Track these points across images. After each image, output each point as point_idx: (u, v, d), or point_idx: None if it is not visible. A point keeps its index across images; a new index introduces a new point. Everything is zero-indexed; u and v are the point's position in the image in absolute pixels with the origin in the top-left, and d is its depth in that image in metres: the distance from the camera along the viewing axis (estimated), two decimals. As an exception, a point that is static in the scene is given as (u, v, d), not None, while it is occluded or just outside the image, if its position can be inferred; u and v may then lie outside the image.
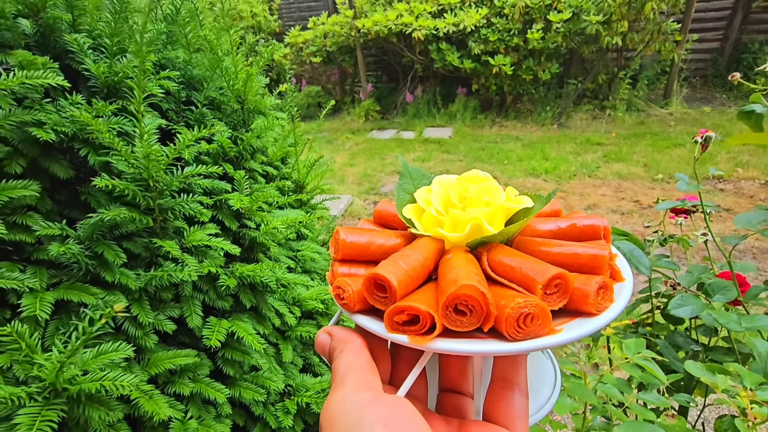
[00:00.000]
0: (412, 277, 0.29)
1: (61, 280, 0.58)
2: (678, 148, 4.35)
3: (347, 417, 0.24)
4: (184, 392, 0.68)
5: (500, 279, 0.30)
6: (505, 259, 0.30)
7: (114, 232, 0.61)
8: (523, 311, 0.25)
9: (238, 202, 0.74)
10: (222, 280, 0.73)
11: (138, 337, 0.63)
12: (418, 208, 0.36)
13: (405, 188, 0.40)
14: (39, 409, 0.43)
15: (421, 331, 0.27)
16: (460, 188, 0.36)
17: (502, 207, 0.34)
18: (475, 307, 0.26)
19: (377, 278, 0.28)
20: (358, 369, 0.27)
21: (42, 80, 0.52)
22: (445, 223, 0.34)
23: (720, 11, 5.55)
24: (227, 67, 0.86)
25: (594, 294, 0.27)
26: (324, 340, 0.31)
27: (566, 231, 0.35)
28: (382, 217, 0.41)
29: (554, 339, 0.26)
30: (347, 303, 0.30)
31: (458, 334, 0.27)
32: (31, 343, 0.44)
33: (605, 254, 0.30)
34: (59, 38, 0.61)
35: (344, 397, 0.25)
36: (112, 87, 0.65)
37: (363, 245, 0.34)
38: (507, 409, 0.29)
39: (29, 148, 0.55)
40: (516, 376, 0.30)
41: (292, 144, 1.11)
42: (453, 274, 0.28)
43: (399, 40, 5.53)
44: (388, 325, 0.27)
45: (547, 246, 0.33)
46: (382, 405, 0.24)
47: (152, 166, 0.57)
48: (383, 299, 0.28)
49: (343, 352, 0.29)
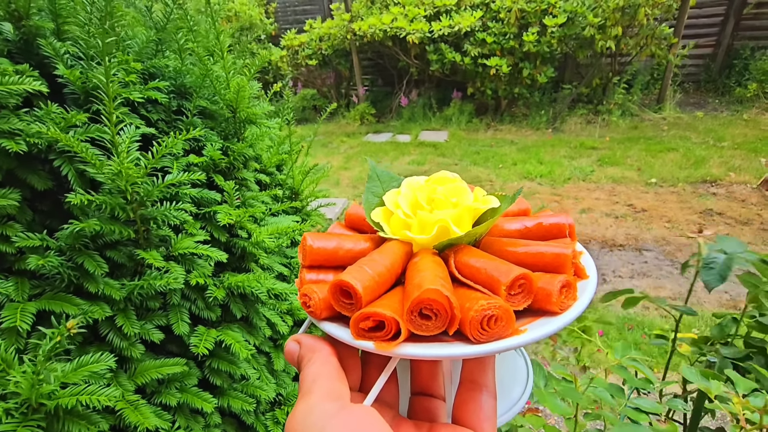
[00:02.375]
0: (378, 282, 0.29)
1: (44, 290, 0.57)
2: (671, 153, 4.38)
3: (312, 428, 0.23)
4: (171, 402, 0.67)
5: (466, 281, 0.30)
6: (471, 261, 0.30)
7: (97, 241, 0.60)
8: (487, 313, 0.25)
9: (226, 217, 0.73)
10: (210, 291, 0.72)
11: (123, 348, 0.62)
12: (387, 211, 0.36)
13: (373, 191, 0.40)
14: (15, 426, 0.42)
15: (387, 337, 0.27)
16: (428, 190, 0.36)
17: (469, 208, 0.34)
18: (440, 311, 0.26)
19: (342, 285, 0.28)
20: (325, 378, 0.27)
21: (17, 86, 0.51)
22: (412, 225, 0.34)
23: (712, 17, 5.61)
24: (218, 75, 0.85)
25: (557, 293, 0.27)
26: (292, 348, 0.31)
27: (532, 230, 0.36)
28: (353, 221, 0.41)
29: (518, 339, 0.26)
30: (314, 311, 0.29)
31: (424, 339, 0.27)
32: (8, 357, 0.43)
33: (568, 252, 0.30)
34: (42, 45, 0.60)
35: (310, 407, 0.25)
36: (89, 93, 0.64)
37: (331, 250, 0.33)
38: (475, 410, 0.29)
39: (4, 159, 0.54)
40: (483, 377, 0.30)
41: (287, 151, 1.10)
42: (418, 278, 0.28)
43: (394, 43, 5.55)
44: (354, 332, 0.27)
45: (513, 246, 0.33)
46: (348, 415, 0.24)
47: (129, 177, 0.56)
48: (349, 306, 0.28)
49: (311, 361, 0.29)
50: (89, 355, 0.51)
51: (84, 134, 0.60)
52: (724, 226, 3.14)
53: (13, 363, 0.44)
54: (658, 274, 2.71)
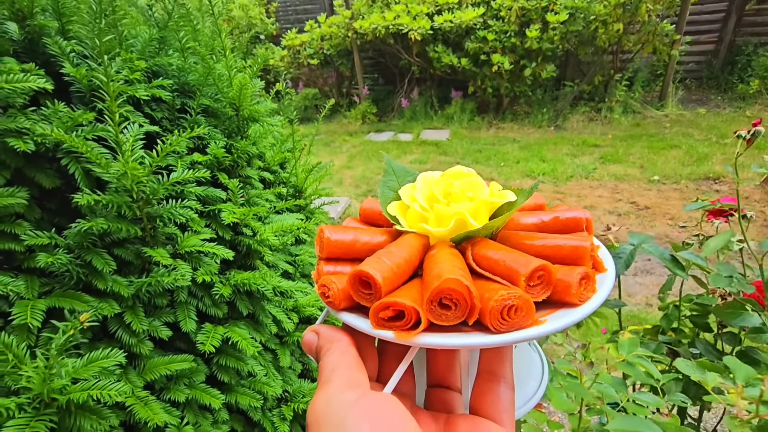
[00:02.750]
0: (396, 273, 0.29)
1: (53, 288, 0.57)
2: (674, 150, 4.37)
3: (334, 417, 0.23)
4: (180, 399, 0.67)
5: (484, 272, 0.30)
6: (489, 253, 0.30)
7: (105, 239, 0.61)
8: (507, 303, 0.25)
9: (231, 215, 0.73)
10: (217, 288, 0.72)
11: (132, 345, 0.62)
12: (403, 205, 0.36)
13: (389, 185, 0.40)
14: (28, 420, 0.42)
15: (407, 327, 0.27)
16: (445, 184, 0.36)
17: (485, 201, 0.34)
18: (460, 300, 0.26)
19: (362, 275, 0.28)
20: (345, 367, 0.27)
21: (23, 84, 0.51)
22: (429, 218, 0.34)
23: (714, 14, 5.59)
24: (221, 73, 0.85)
25: (576, 285, 0.27)
26: (311, 338, 0.31)
27: (549, 224, 0.36)
28: (368, 215, 0.41)
29: (538, 330, 0.26)
30: (332, 301, 0.30)
31: (443, 329, 0.27)
32: (19, 353, 0.43)
33: (587, 245, 0.30)
34: (48, 45, 0.61)
35: (330, 396, 0.25)
36: (95, 91, 0.64)
37: (348, 243, 0.33)
38: (493, 402, 0.29)
39: (12, 158, 0.55)
40: (502, 369, 0.30)
41: (290, 149, 1.11)
42: (437, 269, 0.28)
43: (396, 41, 5.54)
44: (373, 322, 0.27)
45: (530, 239, 0.33)
46: (369, 403, 0.24)
47: (134, 176, 0.57)
48: (368, 296, 0.28)
49: (330, 351, 0.29)
50: (99, 351, 0.51)
51: (90, 133, 0.60)
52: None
53: (24, 359, 0.44)
54: (661, 272, 2.70)
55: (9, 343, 0.43)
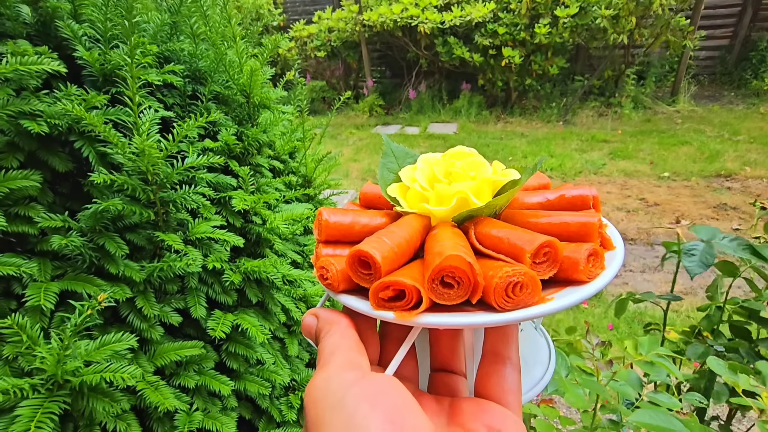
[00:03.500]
0: (397, 253, 0.28)
1: (66, 271, 0.57)
2: (685, 146, 4.31)
3: (331, 397, 0.22)
4: (190, 384, 0.67)
5: (488, 251, 0.29)
6: (492, 231, 0.29)
7: (117, 223, 0.61)
8: (512, 280, 0.24)
9: (241, 203, 0.73)
10: (227, 276, 0.72)
11: (143, 329, 0.62)
12: (403, 187, 0.35)
13: (389, 167, 0.39)
14: (41, 401, 0.42)
15: (408, 307, 0.26)
16: (446, 164, 0.35)
17: (488, 180, 0.33)
18: (462, 278, 0.25)
19: (361, 255, 0.27)
20: (345, 349, 0.26)
21: (37, 66, 0.51)
22: (430, 198, 0.33)
23: (730, 8, 5.48)
24: (231, 60, 0.84)
25: (584, 261, 0.26)
26: (310, 321, 0.30)
27: (554, 203, 0.34)
28: (368, 199, 0.40)
29: (545, 308, 0.25)
30: (331, 283, 0.29)
31: (446, 308, 0.26)
32: (33, 334, 0.43)
33: (594, 221, 0.29)
34: (60, 27, 0.60)
35: (329, 376, 0.24)
36: (107, 76, 0.64)
37: (347, 225, 0.33)
38: (499, 383, 0.28)
39: (26, 141, 0.55)
40: (507, 350, 0.29)
41: (300, 138, 1.10)
42: (438, 247, 0.27)
43: (404, 34, 5.50)
44: (373, 302, 0.27)
45: (535, 217, 0.32)
46: (368, 383, 0.23)
47: (150, 159, 0.56)
48: (368, 276, 0.27)
49: (329, 333, 0.28)
50: (111, 335, 0.51)
51: (105, 116, 0.60)
52: (738, 221, 3.09)
53: (38, 340, 0.44)
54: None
55: (23, 325, 0.43)
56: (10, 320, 0.44)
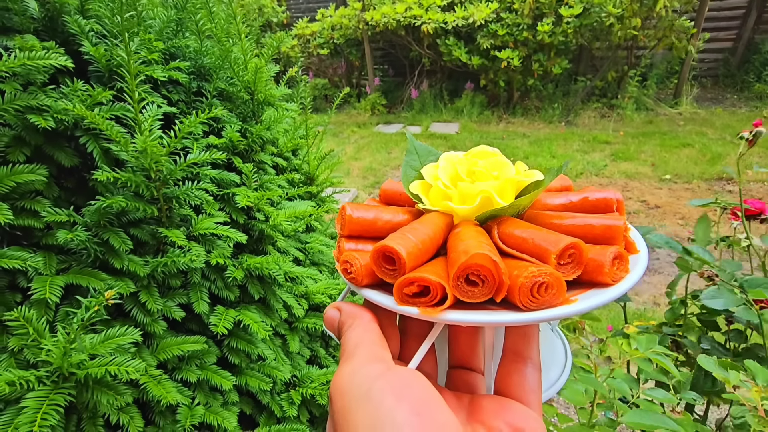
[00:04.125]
0: (421, 249, 0.28)
1: (71, 265, 0.58)
2: (687, 148, 4.30)
3: (357, 389, 0.23)
4: (192, 379, 0.68)
5: (512, 251, 0.29)
6: (516, 231, 0.29)
7: (121, 219, 0.61)
8: (537, 280, 0.24)
9: (245, 199, 0.73)
10: (229, 272, 0.73)
11: (147, 324, 0.63)
12: (426, 184, 0.36)
13: (411, 165, 0.39)
14: (47, 393, 0.43)
15: (432, 303, 0.26)
16: (469, 163, 0.35)
17: (511, 180, 0.33)
18: (488, 277, 0.25)
19: (386, 250, 0.27)
20: (368, 342, 0.27)
21: (44, 61, 0.51)
22: (453, 196, 0.33)
23: (734, 10, 5.46)
24: (236, 57, 0.85)
25: (609, 264, 0.26)
26: (333, 315, 0.31)
27: (578, 205, 0.34)
28: (389, 196, 0.40)
29: (569, 309, 0.25)
30: (355, 277, 0.29)
31: (469, 306, 0.26)
32: (39, 327, 0.44)
33: (620, 224, 0.29)
34: (67, 23, 0.61)
35: (354, 369, 0.24)
36: (113, 71, 0.64)
37: (370, 221, 0.33)
38: (520, 382, 0.29)
39: (32, 136, 0.55)
40: (528, 349, 0.29)
41: (303, 136, 1.10)
42: (463, 246, 0.27)
43: (407, 33, 5.49)
44: (397, 298, 0.27)
45: (558, 218, 0.32)
46: (393, 376, 0.23)
47: (153, 156, 0.57)
48: (392, 272, 0.28)
49: (352, 327, 0.28)
50: (116, 329, 0.52)
51: (109, 112, 0.60)
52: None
53: (44, 333, 0.45)
54: (669, 271, 2.68)
55: (30, 317, 0.43)
56: (16, 313, 0.44)
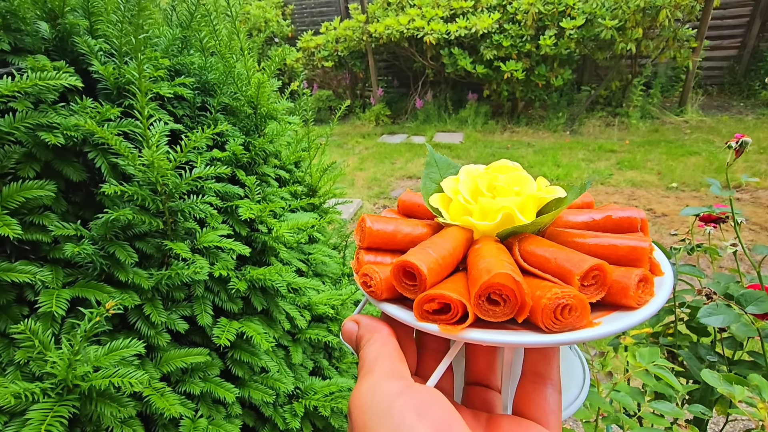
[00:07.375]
0: (441, 265, 0.28)
1: (77, 278, 0.59)
2: (693, 157, 4.28)
3: (378, 405, 0.23)
4: (195, 391, 0.68)
5: (533, 270, 0.28)
6: (538, 250, 0.29)
7: (127, 232, 0.62)
8: (561, 302, 0.24)
9: (248, 212, 0.74)
10: (233, 283, 0.73)
11: (150, 336, 0.63)
12: (445, 198, 0.35)
13: (431, 177, 0.39)
14: (51, 405, 0.44)
15: (452, 321, 0.26)
16: (489, 178, 0.35)
17: (533, 197, 0.33)
18: (510, 296, 0.25)
19: (406, 265, 0.27)
20: (387, 357, 0.27)
21: (55, 81, 0.53)
22: (474, 212, 0.33)
23: (737, 18, 5.47)
24: (239, 72, 0.87)
25: (634, 287, 0.26)
26: (351, 328, 0.31)
27: (600, 223, 0.34)
28: (407, 207, 0.40)
29: (593, 332, 0.24)
30: (374, 291, 0.29)
31: (490, 325, 0.26)
32: (45, 339, 0.45)
33: (646, 246, 0.28)
34: (77, 43, 0.63)
35: (374, 385, 0.24)
36: (121, 89, 0.66)
37: (389, 233, 0.33)
38: (540, 403, 0.28)
39: (43, 152, 0.57)
40: (549, 370, 0.29)
41: (306, 148, 1.12)
42: (485, 263, 0.27)
43: (410, 44, 5.55)
44: (417, 314, 0.26)
45: (581, 237, 0.31)
46: (414, 394, 0.23)
47: (159, 170, 0.58)
48: (412, 287, 0.28)
49: (371, 341, 0.28)
50: (120, 341, 0.53)
51: (117, 128, 0.62)
52: (748, 232, 3.05)
53: (49, 345, 0.45)
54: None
55: (36, 330, 0.44)
56: (23, 326, 0.45)
